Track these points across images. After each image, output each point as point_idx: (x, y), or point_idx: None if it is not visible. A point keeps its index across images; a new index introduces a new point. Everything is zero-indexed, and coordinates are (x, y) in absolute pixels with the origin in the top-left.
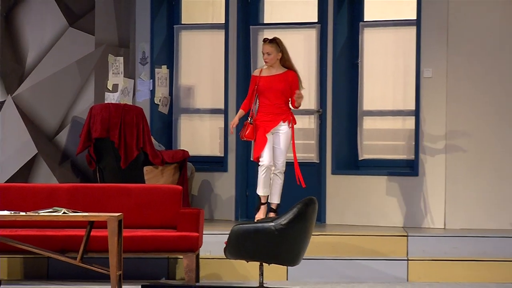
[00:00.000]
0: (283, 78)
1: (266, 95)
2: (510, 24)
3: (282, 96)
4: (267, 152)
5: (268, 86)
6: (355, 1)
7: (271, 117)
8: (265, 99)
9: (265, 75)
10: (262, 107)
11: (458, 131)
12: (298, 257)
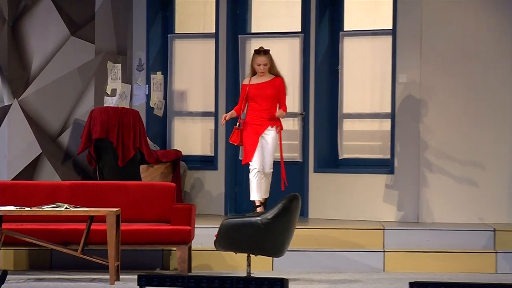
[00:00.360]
0: (271, 84)
1: (256, 100)
2: (479, 34)
3: (271, 102)
4: (257, 157)
5: (258, 93)
6: (335, 12)
7: (260, 121)
8: (255, 104)
9: (255, 83)
10: (251, 112)
11: (430, 132)
12: (282, 249)
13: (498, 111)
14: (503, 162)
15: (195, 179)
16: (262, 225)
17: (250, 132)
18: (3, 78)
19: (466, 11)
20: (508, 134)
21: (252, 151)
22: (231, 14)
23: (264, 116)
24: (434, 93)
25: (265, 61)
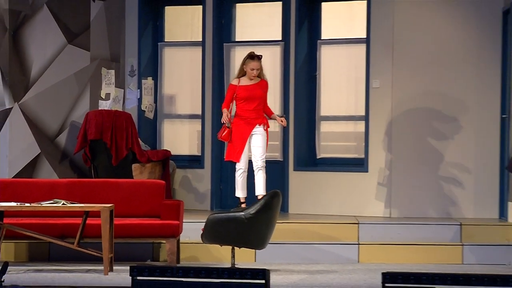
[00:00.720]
0: (259, 86)
1: (247, 101)
2: (447, 42)
3: (259, 102)
4: (244, 158)
5: (248, 94)
6: (313, 22)
7: (249, 121)
8: (244, 105)
9: (244, 84)
10: (241, 112)
11: (401, 133)
12: (264, 242)
13: (463, 113)
14: (469, 160)
15: (183, 177)
16: (245, 220)
17: (240, 132)
18: (5, 83)
19: (434, 22)
20: (473, 134)
21: (240, 152)
22: (216, 24)
23: (252, 116)
24: (405, 97)
25: (258, 66)
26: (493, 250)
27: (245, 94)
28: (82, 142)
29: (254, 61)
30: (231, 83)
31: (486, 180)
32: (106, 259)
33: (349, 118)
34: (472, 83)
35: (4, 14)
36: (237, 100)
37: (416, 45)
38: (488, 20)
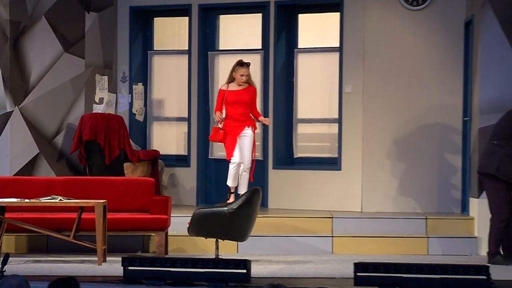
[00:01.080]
0: (247, 92)
1: (234, 105)
2: (413, 52)
3: (247, 106)
4: (237, 152)
5: (236, 99)
6: (291, 32)
7: (238, 123)
8: (233, 109)
9: (233, 90)
10: (230, 115)
11: (372, 135)
12: (246, 234)
13: (429, 116)
14: (434, 160)
15: (171, 174)
16: (228, 214)
17: (230, 133)
18: (6, 88)
19: (402, 32)
20: (438, 135)
21: (233, 149)
22: (201, 34)
23: (241, 119)
24: (374, 101)
25: (247, 72)
26: (456, 242)
27: (233, 98)
28: (77, 143)
29: (243, 67)
30: (221, 88)
31: (450, 178)
32: (100, 251)
33: (324, 120)
34: (436, 89)
35: (5, 25)
36: (226, 104)
37: (385, 54)
38: (451, 30)
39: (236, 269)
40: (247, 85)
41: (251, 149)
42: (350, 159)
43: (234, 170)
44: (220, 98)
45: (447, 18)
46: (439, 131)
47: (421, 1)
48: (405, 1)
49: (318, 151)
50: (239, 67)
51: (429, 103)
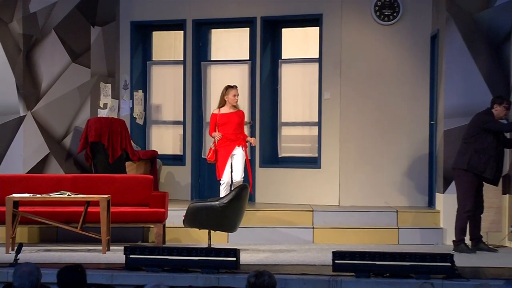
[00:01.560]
0: (237, 114)
1: (226, 127)
2: (385, 63)
3: (237, 128)
4: (226, 173)
5: (227, 121)
6: (275, 44)
7: (230, 142)
8: (225, 129)
9: (224, 113)
10: (223, 135)
11: (348, 137)
12: (235, 226)
13: (399, 120)
14: (404, 159)
15: (168, 172)
16: (219, 208)
17: (222, 152)
18: (19, 94)
19: (374, 45)
20: (407, 137)
21: (223, 169)
22: (195, 46)
23: (232, 138)
24: (350, 107)
25: (237, 92)
26: (424, 232)
27: (224, 120)
28: (84, 144)
29: (233, 89)
30: (213, 113)
31: (418, 175)
32: (104, 241)
33: (305, 124)
34: (406, 96)
35: (18, 38)
36: (218, 126)
37: (360, 64)
38: (418, 43)
39: (227, 257)
40: (237, 109)
41: (243, 166)
42: (328, 158)
43: (224, 190)
44: (213, 121)
45: (415, 32)
46: (408, 133)
47: (392, 17)
48: (377, 17)
49: (300, 151)
50: (230, 89)
51: (399, 108)
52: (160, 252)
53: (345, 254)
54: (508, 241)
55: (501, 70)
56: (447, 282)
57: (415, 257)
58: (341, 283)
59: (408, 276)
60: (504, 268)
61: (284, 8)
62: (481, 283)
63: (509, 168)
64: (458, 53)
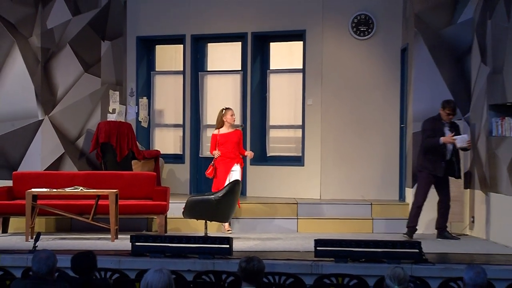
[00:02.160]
0: (235, 134)
1: (225, 146)
2: (361, 73)
3: (236, 146)
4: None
5: (227, 140)
6: (264, 56)
7: (229, 160)
8: (224, 149)
9: (223, 133)
10: (222, 153)
11: (328, 138)
12: (229, 217)
13: (373, 123)
14: (378, 157)
15: (169, 169)
16: (215, 201)
17: (222, 169)
18: (38, 101)
19: (351, 57)
20: (380, 138)
21: (222, 184)
22: (193, 57)
23: (231, 157)
24: (330, 112)
25: (233, 112)
26: (395, 223)
27: (224, 140)
28: (95, 144)
29: (230, 110)
30: (213, 133)
31: (390, 172)
32: (112, 230)
33: (290, 126)
34: (379, 102)
35: (37, 51)
36: (219, 145)
37: (338, 74)
38: (390, 55)
39: (221, 245)
40: (234, 129)
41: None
42: (311, 157)
43: None
44: (214, 141)
45: (387, 46)
46: (381, 135)
47: (366, 33)
48: (354, 33)
49: (286, 151)
50: (227, 111)
51: (373, 113)
52: (162, 240)
53: (326, 242)
54: (469, 230)
55: (463, 79)
56: (415, 267)
57: (387, 244)
58: (322, 267)
59: (381, 261)
60: (466, 254)
61: (272, 25)
62: (446, 267)
63: (470, 165)
64: (425, 64)
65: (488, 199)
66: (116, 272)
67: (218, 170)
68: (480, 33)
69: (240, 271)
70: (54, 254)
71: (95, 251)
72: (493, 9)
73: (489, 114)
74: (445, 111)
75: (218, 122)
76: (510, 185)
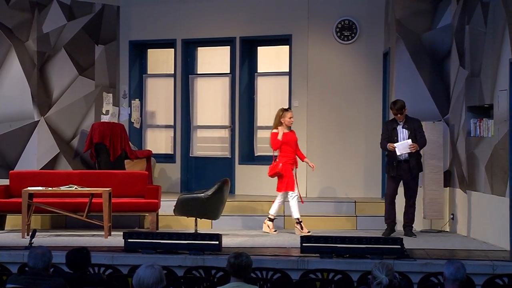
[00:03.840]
0: (293, 133)
1: (288, 145)
2: (345, 75)
3: (295, 146)
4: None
5: (289, 139)
6: (252, 60)
7: (291, 161)
8: (288, 147)
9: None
10: (286, 155)
11: (314, 138)
12: (218, 214)
13: (355, 124)
14: (361, 157)
15: (161, 169)
16: (204, 199)
17: (288, 168)
18: (34, 102)
19: (336, 61)
20: (363, 139)
21: (293, 183)
22: (184, 61)
23: (293, 157)
24: (315, 113)
25: (292, 114)
26: (377, 220)
27: (287, 138)
28: (89, 144)
29: (288, 111)
30: (274, 132)
31: (373, 171)
32: (106, 227)
33: None
34: (362, 103)
35: (33, 55)
36: (282, 144)
37: (323, 77)
38: (373, 59)
39: (211, 241)
40: (291, 130)
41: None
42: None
43: (296, 202)
44: (276, 135)
45: (370, 50)
46: (364, 135)
47: (350, 38)
48: (338, 38)
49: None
50: (286, 112)
51: (357, 114)
52: (154, 236)
53: (311, 238)
54: (449, 227)
55: (442, 82)
56: (397, 262)
57: (370, 240)
58: (308, 262)
59: (364, 256)
60: (446, 249)
61: (259, 29)
62: (426, 263)
63: (449, 165)
64: (406, 67)
65: (467, 197)
66: (109, 267)
67: (284, 169)
68: (459, 38)
69: (229, 267)
70: (49, 250)
71: (89, 247)
72: (471, 15)
73: (468, 116)
74: (392, 112)
75: (275, 123)
76: (488, 184)
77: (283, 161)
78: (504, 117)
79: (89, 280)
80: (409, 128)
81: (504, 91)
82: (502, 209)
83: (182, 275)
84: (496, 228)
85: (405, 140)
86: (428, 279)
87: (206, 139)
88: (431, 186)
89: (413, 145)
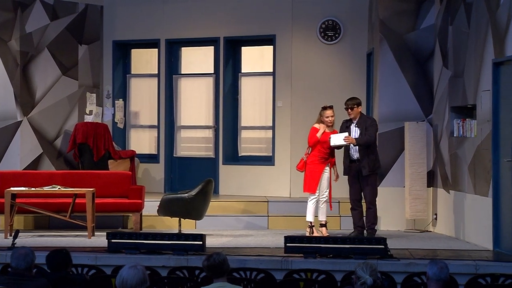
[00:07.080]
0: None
1: (325, 144)
2: (329, 75)
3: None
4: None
5: (326, 139)
6: (236, 60)
7: (323, 160)
8: (321, 147)
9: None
10: (318, 152)
11: (297, 138)
12: (202, 215)
13: (338, 124)
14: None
15: (144, 169)
16: (188, 199)
17: (314, 169)
18: (17, 102)
19: (319, 61)
20: None
21: (316, 184)
22: (168, 61)
23: (326, 157)
24: (299, 114)
25: (332, 113)
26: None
27: (325, 138)
28: (72, 145)
29: (327, 110)
30: (314, 126)
31: None
32: (89, 227)
33: (261, 127)
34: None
35: (16, 54)
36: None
37: (307, 77)
38: (356, 59)
39: (194, 241)
40: (333, 129)
41: (328, 184)
42: (281, 157)
43: (313, 205)
44: (315, 131)
45: (353, 50)
46: None
47: (334, 38)
48: (322, 38)
49: (257, 151)
50: (324, 111)
51: (341, 115)
52: (137, 237)
53: (295, 238)
54: (432, 227)
55: (426, 83)
56: (381, 262)
57: (354, 240)
58: (292, 263)
59: (348, 257)
60: (429, 249)
61: (243, 29)
62: (410, 263)
63: (433, 165)
64: (389, 68)
65: (450, 197)
66: (92, 268)
67: (309, 169)
68: (442, 38)
69: (206, 270)
70: (32, 251)
71: (73, 248)
72: (454, 16)
73: (451, 116)
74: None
75: (317, 119)
76: (471, 184)
77: (310, 160)
78: (487, 117)
79: (72, 280)
80: (360, 127)
81: (487, 91)
82: (485, 209)
83: (166, 276)
84: (479, 228)
85: (341, 133)
86: (412, 279)
87: (190, 139)
88: (415, 186)
89: (348, 137)
